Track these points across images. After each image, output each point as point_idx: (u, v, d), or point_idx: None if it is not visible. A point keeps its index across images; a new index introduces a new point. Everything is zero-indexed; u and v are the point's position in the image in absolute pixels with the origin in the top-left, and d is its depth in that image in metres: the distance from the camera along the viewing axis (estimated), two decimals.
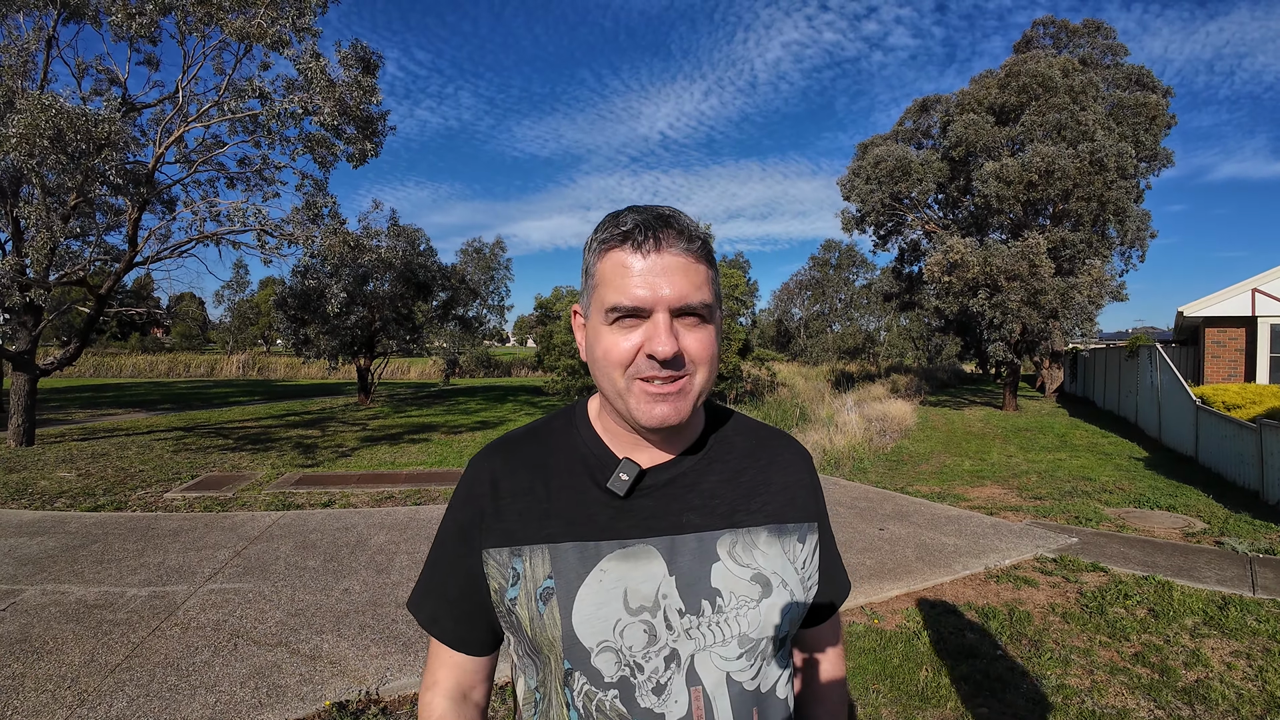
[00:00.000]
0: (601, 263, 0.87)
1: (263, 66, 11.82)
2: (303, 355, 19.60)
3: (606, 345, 0.86)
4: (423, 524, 6.66)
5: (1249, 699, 3.42)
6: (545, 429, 1.01)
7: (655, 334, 0.84)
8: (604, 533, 0.90)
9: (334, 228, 11.88)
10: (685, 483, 0.94)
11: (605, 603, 0.87)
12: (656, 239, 0.84)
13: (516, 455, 0.97)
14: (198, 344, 57.07)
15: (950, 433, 14.83)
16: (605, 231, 0.87)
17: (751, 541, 0.94)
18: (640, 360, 0.85)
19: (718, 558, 0.91)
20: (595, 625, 0.87)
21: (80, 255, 12.33)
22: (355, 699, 3.36)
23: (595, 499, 0.92)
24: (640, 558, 0.89)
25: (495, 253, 32.67)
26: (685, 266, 0.85)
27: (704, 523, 0.93)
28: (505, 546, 0.92)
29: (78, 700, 3.29)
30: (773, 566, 0.94)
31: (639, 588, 0.88)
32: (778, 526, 0.97)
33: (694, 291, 0.85)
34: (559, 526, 0.91)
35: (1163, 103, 18.97)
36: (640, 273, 0.84)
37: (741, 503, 0.96)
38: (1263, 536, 6.43)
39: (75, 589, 4.78)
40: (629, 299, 0.84)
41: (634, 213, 0.87)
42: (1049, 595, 4.93)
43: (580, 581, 0.88)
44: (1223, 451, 9.71)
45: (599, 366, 0.88)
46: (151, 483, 8.44)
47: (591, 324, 0.90)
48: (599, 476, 0.93)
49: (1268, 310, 14.95)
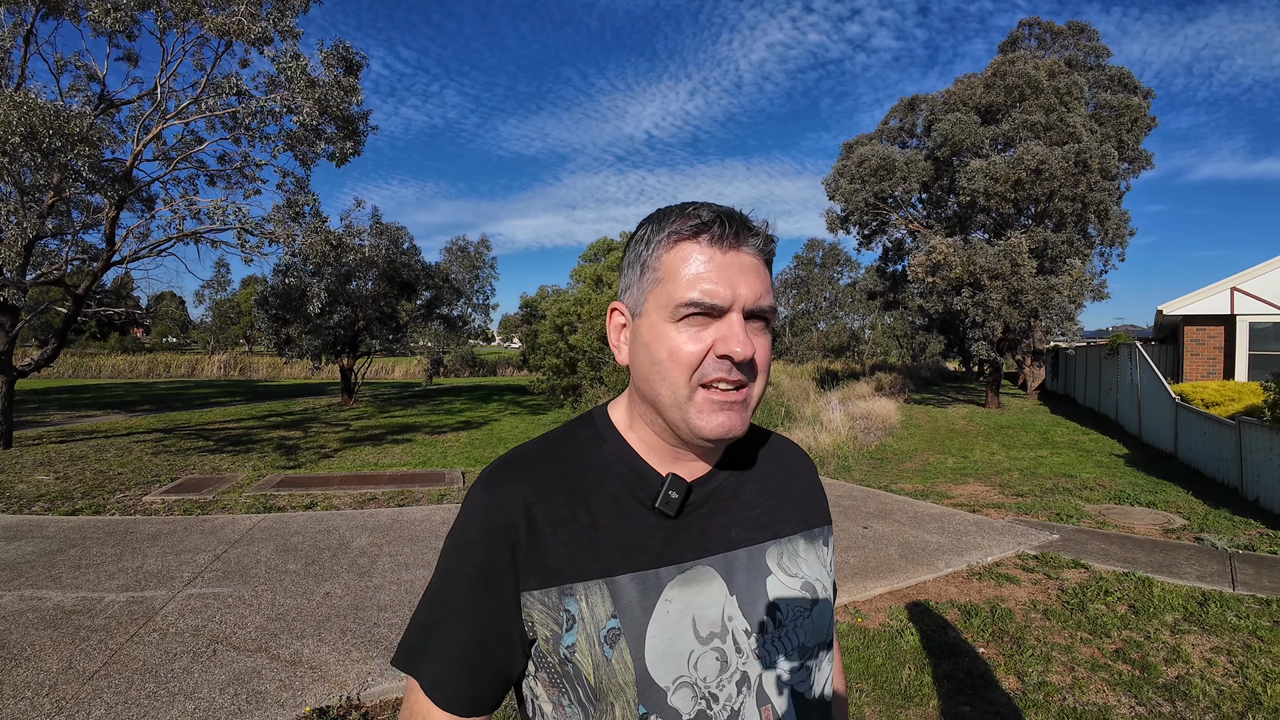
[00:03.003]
0: (670, 255, 0.81)
1: (242, 64, 11.72)
2: (285, 355, 19.43)
3: (673, 345, 0.79)
4: (406, 525, 6.61)
5: (1229, 695, 3.45)
6: (566, 443, 0.90)
7: (730, 334, 0.78)
8: (660, 559, 0.83)
9: (315, 226, 11.78)
10: (725, 495, 0.89)
11: (676, 635, 0.80)
12: (736, 234, 0.80)
13: (543, 477, 0.85)
14: (178, 344, 56.51)
15: (934, 430, 14.92)
16: (677, 223, 0.81)
17: (794, 550, 0.91)
18: (709, 362, 0.79)
19: (770, 570, 0.88)
20: (670, 662, 0.80)
21: (58, 254, 12.16)
22: (336, 704, 3.33)
23: (643, 521, 0.84)
24: (701, 580, 0.83)
25: (480, 251, 32.52)
26: (758, 268, 0.81)
27: (751, 536, 0.88)
28: (553, 586, 0.81)
29: (55, 708, 3.24)
30: (814, 573, 0.92)
31: (705, 613, 0.82)
32: (808, 532, 0.95)
33: (765, 294, 0.81)
34: (613, 557, 0.82)
35: (1144, 104, 19.19)
36: (718, 268, 0.79)
37: (777, 511, 0.93)
38: (1242, 532, 6.51)
39: (53, 594, 4.70)
40: (706, 295, 0.78)
41: (705, 206, 0.82)
42: (1030, 592, 4.96)
43: (648, 617, 0.80)
44: (1202, 448, 9.83)
45: (659, 369, 0.81)
46: (130, 485, 8.33)
47: (649, 322, 0.82)
48: (643, 496, 0.85)
49: (1246, 309, 15.15)
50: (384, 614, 4.43)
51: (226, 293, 48.60)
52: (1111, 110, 18.80)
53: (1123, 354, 15.31)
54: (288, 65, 10.50)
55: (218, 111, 11.36)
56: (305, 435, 13.45)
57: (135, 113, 11.88)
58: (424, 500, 7.78)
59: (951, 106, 19.12)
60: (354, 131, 11.90)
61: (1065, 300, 17.06)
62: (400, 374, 41.34)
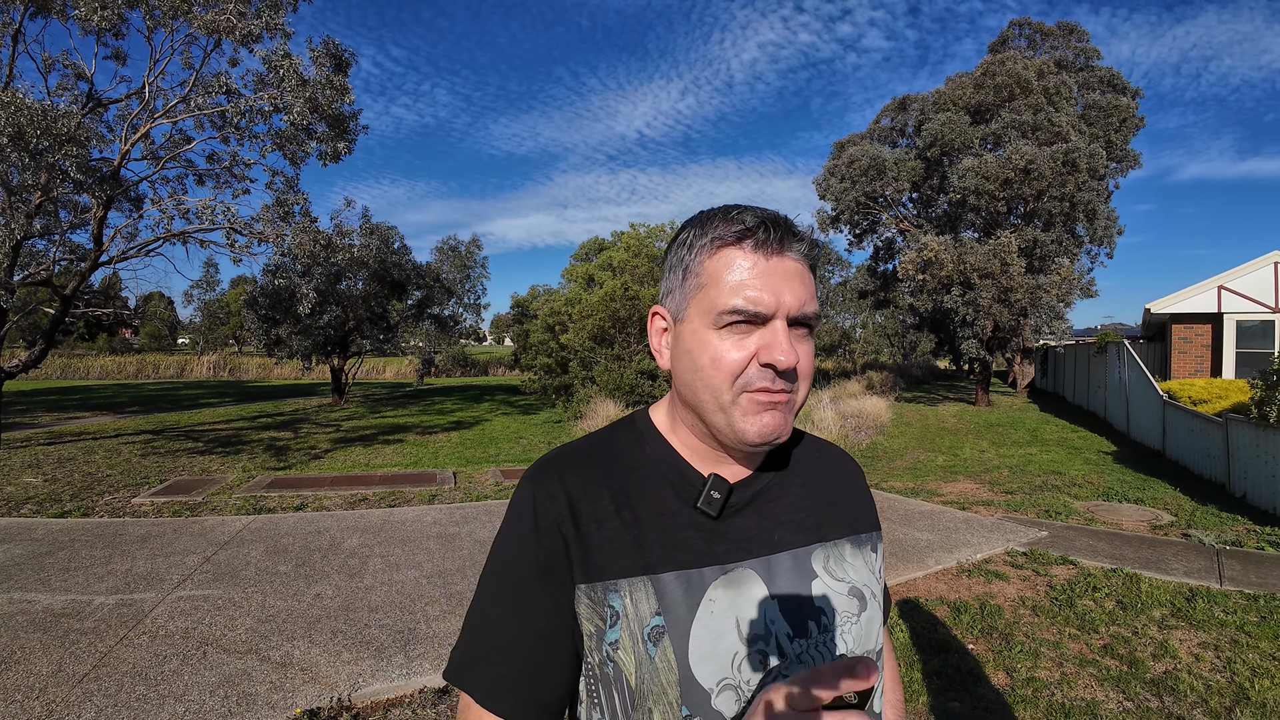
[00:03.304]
0: (712, 261, 0.80)
1: (231, 62, 11.66)
2: (275, 356, 19.33)
3: (716, 352, 0.78)
4: (397, 526, 6.60)
5: (1217, 690, 3.48)
6: (610, 444, 0.90)
7: (775, 342, 0.77)
8: (703, 558, 0.81)
9: (305, 226, 11.73)
10: (770, 497, 0.88)
11: (721, 636, 0.78)
12: (781, 240, 0.78)
13: (588, 474, 0.85)
14: (167, 345, 56.16)
15: (924, 429, 14.99)
16: (720, 227, 0.80)
17: (840, 555, 0.89)
18: (752, 370, 0.78)
19: (815, 574, 0.86)
20: (714, 663, 0.77)
21: (45, 255, 12.07)
22: (327, 706, 3.32)
23: (687, 521, 0.83)
24: (743, 582, 0.81)
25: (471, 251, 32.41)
26: (802, 273, 0.80)
27: (796, 538, 0.86)
28: (598, 581, 0.80)
29: (46, 711, 3.22)
30: (862, 579, 0.89)
31: (748, 615, 0.80)
32: (855, 537, 0.92)
33: (810, 300, 0.80)
34: (656, 555, 0.81)
35: (1132, 105, 19.30)
36: (762, 275, 0.77)
37: (824, 514, 0.91)
38: (1229, 528, 6.56)
39: (42, 597, 4.67)
40: (749, 303, 0.76)
41: (748, 211, 0.80)
42: (1019, 589, 4.99)
43: (692, 615, 0.78)
44: (1190, 445, 9.91)
45: (702, 375, 0.79)
46: (119, 487, 8.28)
47: (690, 328, 0.82)
48: (685, 496, 0.84)
49: (1233, 307, 15.28)
50: (375, 615, 4.43)
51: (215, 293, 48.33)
52: (1100, 110, 18.91)
53: (1111, 352, 15.42)
54: (279, 64, 10.46)
55: (206, 110, 11.30)
56: (296, 436, 13.39)
57: (123, 112, 11.80)
58: (415, 501, 7.76)
59: (942, 106, 19.20)
60: (345, 130, 11.86)
61: (1054, 299, 17.16)
62: (391, 374, 41.20)
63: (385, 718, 3.29)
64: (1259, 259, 15.10)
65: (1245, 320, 15.27)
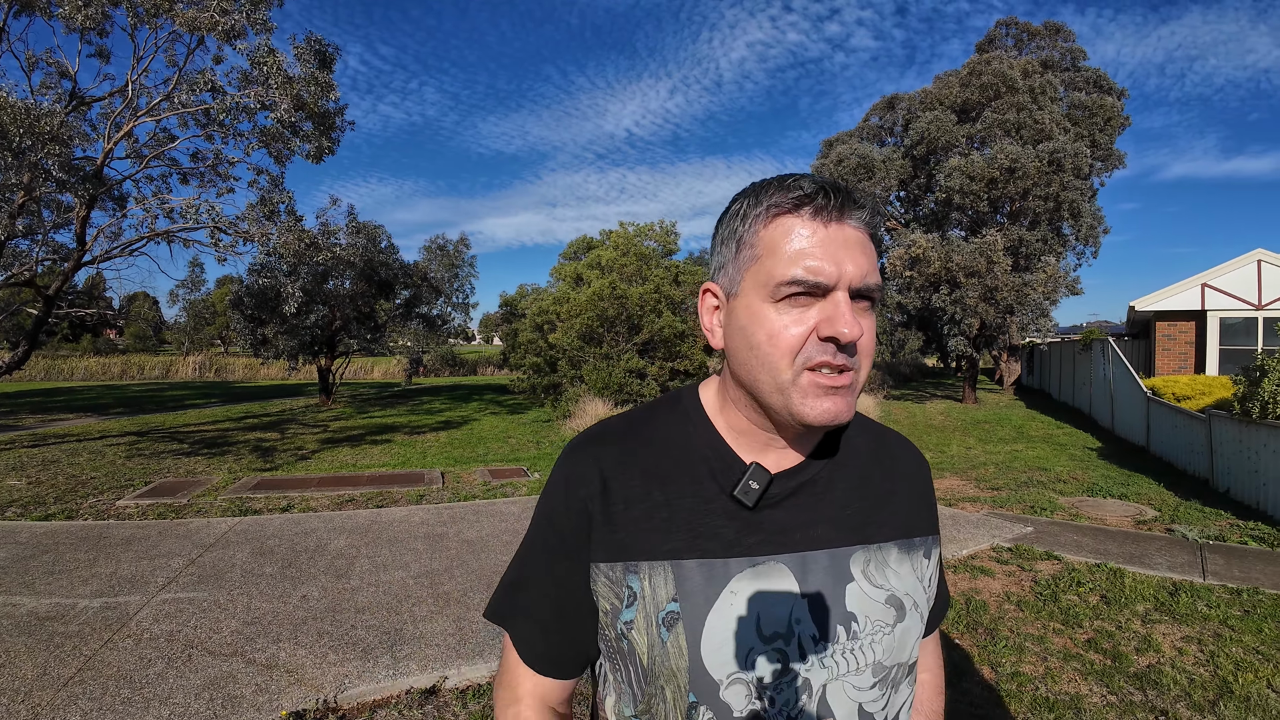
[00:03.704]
0: (768, 230, 0.76)
1: (216, 60, 11.56)
2: (261, 356, 19.18)
3: (773, 328, 0.74)
4: (384, 527, 6.57)
5: (1200, 684, 3.51)
6: (651, 422, 0.88)
7: (837, 314, 0.72)
8: (732, 549, 0.79)
9: (291, 225, 11.67)
10: (815, 490, 0.84)
11: (737, 630, 0.78)
12: (841, 207, 0.74)
13: (625, 453, 0.84)
14: (152, 345, 55.69)
15: (912, 426, 15.06)
16: (776, 195, 0.76)
17: (884, 559, 0.85)
18: (811, 344, 0.74)
19: (852, 578, 0.82)
20: (726, 655, 0.77)
21: (28, 255, 11.94)
22: (313, 708, 3.31)
23: (720, 509, 0.81)
24: (771, 577, 0.79)
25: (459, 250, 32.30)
26: (863, 243, 0.76)
27: (836, 537, 0.83)
28: (619, 561, 0.80)
29: (31, 715, 3.19)
30: (905, 587, 0.85)
31: (771, 611, 0.78)
32: (906, 541, 0.88)
33: (872, 271, 0.75)
34: (682, 540, 0.80)
35: (1118, 105, 19.47)
36: (822, 243, 0.73)
37: (872, 514, 0.86)
38: (1212, 523, 6.63)
39: (27, 601, 4.63)
40: (809, 273, 0.72)
41: (806, 178, 0.76)
42: (1004, 584, 5.02)
43: (709, 606, 0.78)
44: (1173, 441, 10.00)
45: (759, 353, 0.76)
46: (104, 490, 8.21)
47: (746, 303, 0.77)
48: (723, 482, 0.82)
49: (1217, 304, 15.42)
50: (361, 616, 4.41)
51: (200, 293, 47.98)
52: (1085, 110, 19.06)
53: (1096, 349, 15.54)
54: (263, 60, 10.38)
55: (190, 108, 11.21)
56: (282, 437, 13.31)
57: (107, 110, 11.69)
58: (403, 501, 7.74)
59: (929, 105, 19.30)
60: (330, 128, 11.79)
61: (1040, 296, 17.29)
62: (379, 374, 41.03)
63: (371, 719, 3.28)
64: (1242, 257, 15.25)
65: (1228, 317, 15.42)
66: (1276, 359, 7.22)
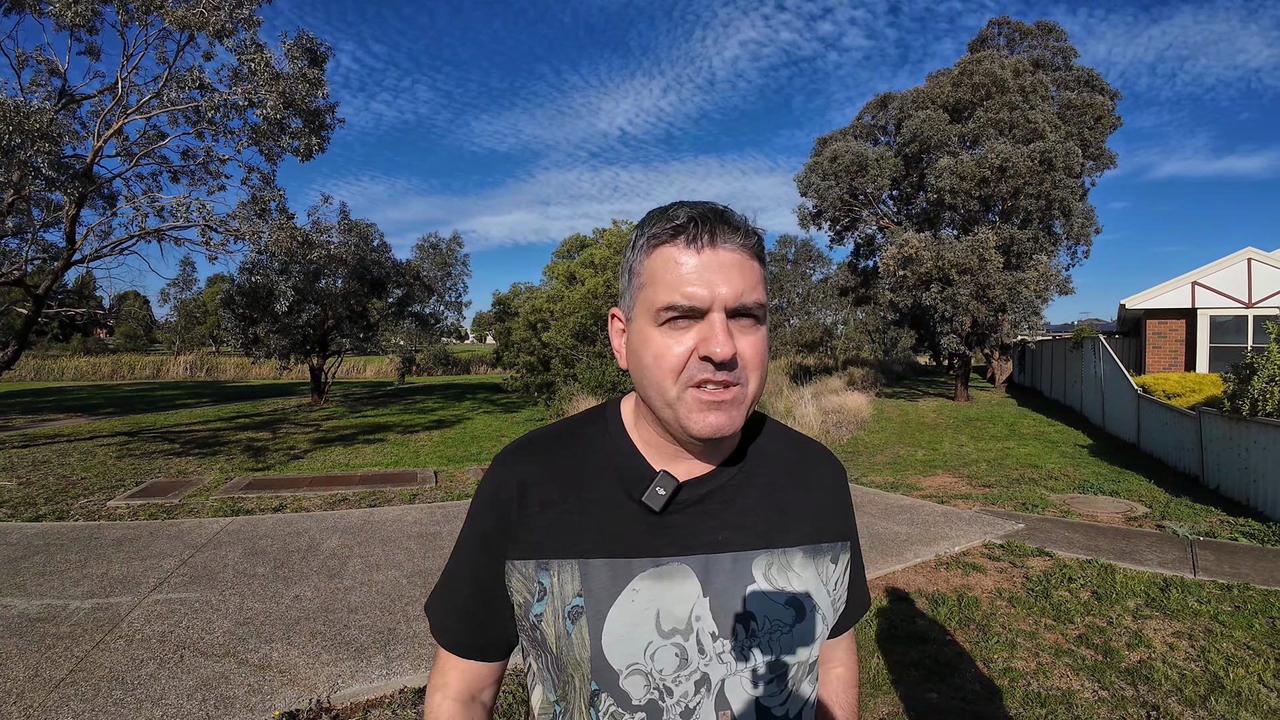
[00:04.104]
0: (650, 260, 0.82)
1: (205, 56, 11.50)
2: (252, 355, 19.10)
3: (657, 349, 0.80)
4: (377, 526, 6.56)
5: (1191, 679, 3.54)
6: (576, 433, 0.95)
7: (711, 334, 0.78)
8: (637, 550, 0.85)
9: (282, 223, 11.63)
10: (722, 498, 0.89)
11: (637, 624, 0.83)
12: (712, 233, 0.79)
13: (547, 460, 0.91)
14: (142, 345, 55.37)
15: (904, 424, 15.10)
16: (654, 226, 0.82)
17: (787, 563, 0.89)
18: (693, 364, 0.79)
19: (753, 580, 0.87)
20: (626, 647, 0.83)
21: (18, 254, 11.86)
22: (306, 708, 3.30)
23: (629, 513, 0.87)
24: (674, 577, 0.85)
25: (452, 248, 32.25)
26: (741, 264, 0.80)
27: (740, 541, 0.88)
28: (531, 559, 0.87)
29: (23, 715, 3.18)
30: (807, 589, 0.90)
31: (671, 609, 0.84)
32: (813, 547, 0.92)
33: (750, 290, 0.80)
34: (591, 541, 0.86)
35: (1109, 104, 19.53)
36: (695, 269, 0.78)
37: (778, 520, 0.91)
38: (1203, 520, 6.67)
39: (17, 602, 4.60)
40: (684, 297, 0.78)
41: (683, 207, 0.82)
42: (996, 580, 5.05)
43: (611, 601, 0.84)
44: (1164, 438, 10.06)
45: (648, 373, 0.82)
46: (94, 490, 8.16)
47: (637, 327, 0.84)
48: (633, 489, 0.88)
49: (1207, 302, 15.50)
50: (354, 616, 4.40)
51: (191, 292, 47.73)
52: (1076, 109, 19.11)
53: (1087, 347, 15.62)
54: (250, 57, 10.33)
55: (180, 106, 11.15)
56: (274, 436, 13.26)
57: (96, 108, 11.62)
58: (396, 501, 7.72)
59: (922, 104, 19.34)
60: (320, 125, 11.74)
61: (1032, 295, 17.34)
62: (372, 373, 40.92)
63: (365, 718, 3.27)
64: (1232, 255, 15.34)
65: (1219, 315, 15.51)
66: (1266, 356, 7.27)
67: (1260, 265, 15.11)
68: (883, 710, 3.30)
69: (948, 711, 3.27)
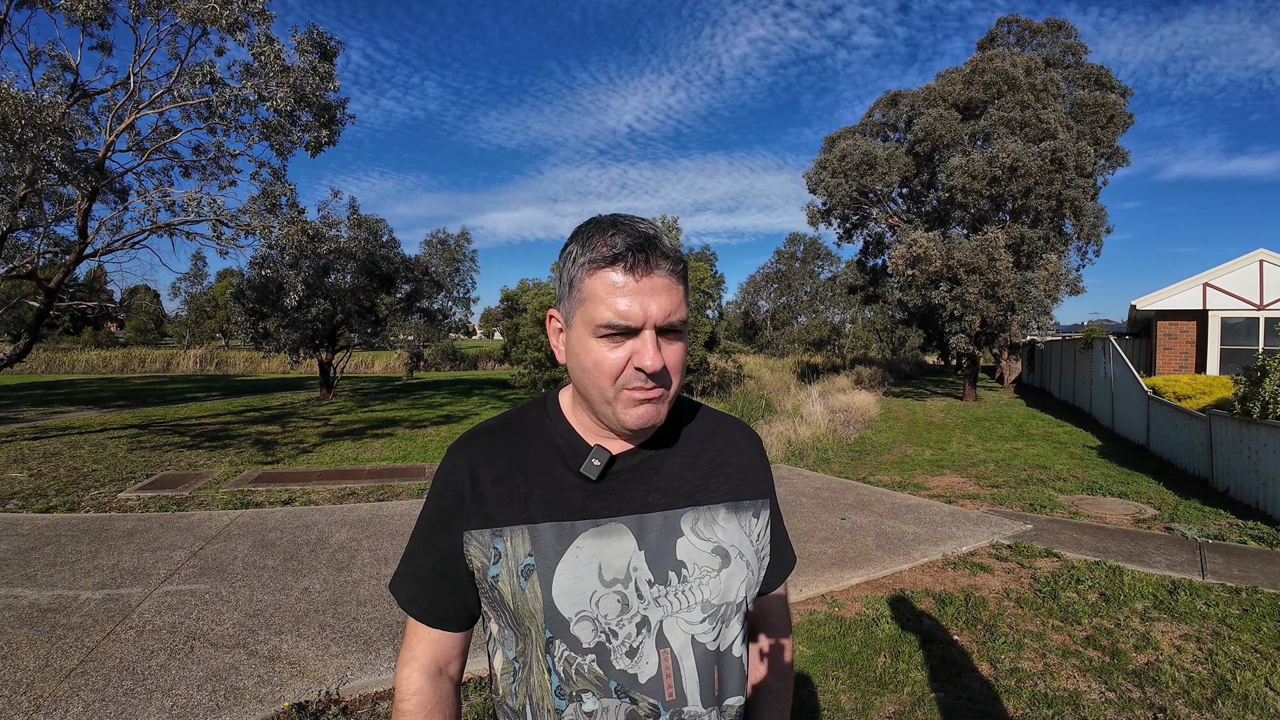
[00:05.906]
0: (591, 280, 0.92)
1: (218, 51, 11.55)
2: (262, 349, 19.18)
3: (597, 358, 0.92)
4: (385, 520, 6.59)
5: (1199, 681, 3.53)
6: (519, 420, 1.07)
7: (644, 350, 0.91)
8: (579, 513, 0.97)
9: (292, 217, 11.66)
10: (651, 466, 1.02)
11: (582, 576, 0.95)
12: (646, 261, 0.90)
13: (493, 444, 1.03)
14: (153, 338, 55.65)
15: (912, 423, 15.06)
16: (594, 250, 0.92)
17: (712, 518, 1.02)
18: (628, 372, 0.92)
19: (682, 533, 0.99)
20: (573, 597, 0.94)
21: (30, 247, 11.94)
22: (315, 699, 3.32)
23: (570, 483, 0.99)
24: (612, 535, 0.97)
25: (460, 244, 32.28)
26: (669, 287, 0.92)
27: (669, 502, 1.01)
28: (487, 529, 0.98)
29: (33, 706, 3.21)
30: (731, 540, 1.02)
31: (612, 562, 0.96)
32: (735, 503, 1.05)
33: (675, 310, 0.92)
34: (537, 509, 0.98)
35: (1120, 102, 19.41)
36: (631, 293, 0.90)
37: (702, 482, 1.04)
38: (1212, 522, 6.64)
39: (29, 592, 4.65)
40: (621, 317, 0.90)
41: (621, 233, 0.92)
42: (1004, 581, 5.04)
43: (558, 558, 0.95)
44: (1173, 440, 10.00)
45: (587, 375, 0.94)
46: (105, 482, 8.23)
47: (577, 334, 0.95)
48: (572, 463, 1.00)
49: (1218, 304, 15.39)
50: (363, 609, 4.42)
51: (202, 286, 47.91)
52: (1088, 108, 19.02)
53: (1097, 348, 15.53)
54: (261, 50, 10.36)
55: (192, 100, 11.20)
56: (283, 430, 13.33)
57: (109, 102, 11.69)
58: (404, 495, 7.75)
59: (932, 102, 19.25)
60: (330, 119, 11.77)
61: (1041, 294, 17.27)
62: (380, 368, 41.02)
63: (374, 710, 3.29)
64: (1244, 257, 15.22)
65: (1230, 317, 15.40)
66: (1277, 359, 7.22)
67: (1272, 267, 14.99)
68: (889, 709, 3.31)
69: (954, 711, 3.27)
